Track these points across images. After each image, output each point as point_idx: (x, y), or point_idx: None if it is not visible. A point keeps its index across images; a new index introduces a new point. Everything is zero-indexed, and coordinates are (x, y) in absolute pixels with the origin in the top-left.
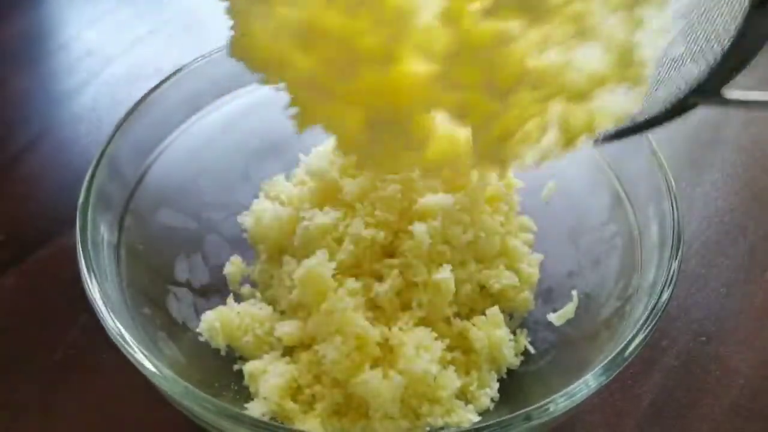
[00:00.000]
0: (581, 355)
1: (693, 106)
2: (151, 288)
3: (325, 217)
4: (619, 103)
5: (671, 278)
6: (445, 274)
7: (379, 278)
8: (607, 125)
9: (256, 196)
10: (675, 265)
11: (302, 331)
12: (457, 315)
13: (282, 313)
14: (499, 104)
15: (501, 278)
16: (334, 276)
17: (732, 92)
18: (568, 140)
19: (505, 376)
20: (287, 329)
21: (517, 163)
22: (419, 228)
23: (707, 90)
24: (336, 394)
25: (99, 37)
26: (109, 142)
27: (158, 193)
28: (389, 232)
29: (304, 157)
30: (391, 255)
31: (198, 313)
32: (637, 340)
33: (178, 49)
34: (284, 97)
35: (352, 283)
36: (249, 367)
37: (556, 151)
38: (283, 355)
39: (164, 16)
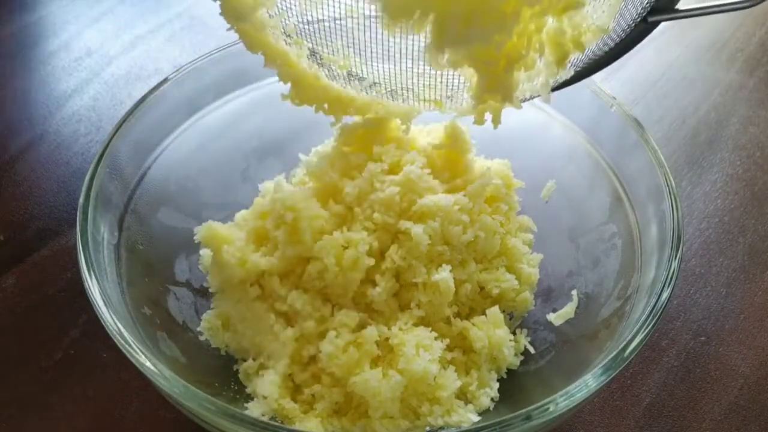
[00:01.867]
0: (581, 355)
1: (654, 25)
2: (151, 288)
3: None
4: (598, 18)
5: (671, 278)
6: (444, 275)
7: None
8: (592, 40)
9: (256, 196)
10: (675, 264)
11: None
12: (457, 315)
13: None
14: (504, 35)
15: (500, 282)
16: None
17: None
18: (561, 58)
19: (505, 376)
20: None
21: (519, 92)
22: (417, 229)
23: (662, 7)
24: (335, 394)
25: (99, 37)
26: (109, 142)
27: (158, 193)
28: (388, 236)
29: (304, 157)
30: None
31: (198, 313)
32: (637, 340)
33: (178, 49)
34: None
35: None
36: (244, 366)
37: (551, 73)
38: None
39: (164, 16)
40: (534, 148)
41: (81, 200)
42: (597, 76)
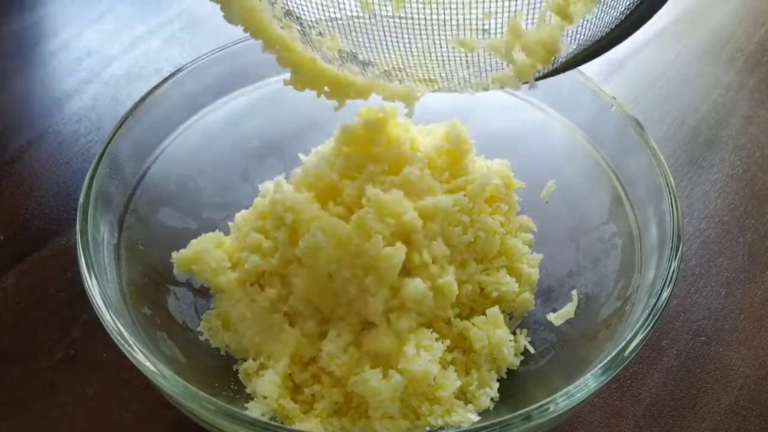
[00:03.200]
0: (581, 355)
1: (655, 7)
2: (151, 288)
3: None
4: None
5: (671, 278)
6: (448, 278)
7: None
8: (582, 10)
9: (256, 196)
10: (675, 264)
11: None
12: (458, 315)
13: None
14: None
15: (500, 285)
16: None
17: None
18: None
19: (505, 376)
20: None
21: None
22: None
23: None
24: (335, 394)
25: (99, 37)
26: (109, 142)
27: (158, 193)
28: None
29: (304, 157)
30: None
31: (198, 313)
32: (637, 340)
33: (178, 49)
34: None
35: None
36: (244, 366)
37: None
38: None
39: (164, 16)
40: (534, 148)
41: (81, 200)
42: (597, 77)
